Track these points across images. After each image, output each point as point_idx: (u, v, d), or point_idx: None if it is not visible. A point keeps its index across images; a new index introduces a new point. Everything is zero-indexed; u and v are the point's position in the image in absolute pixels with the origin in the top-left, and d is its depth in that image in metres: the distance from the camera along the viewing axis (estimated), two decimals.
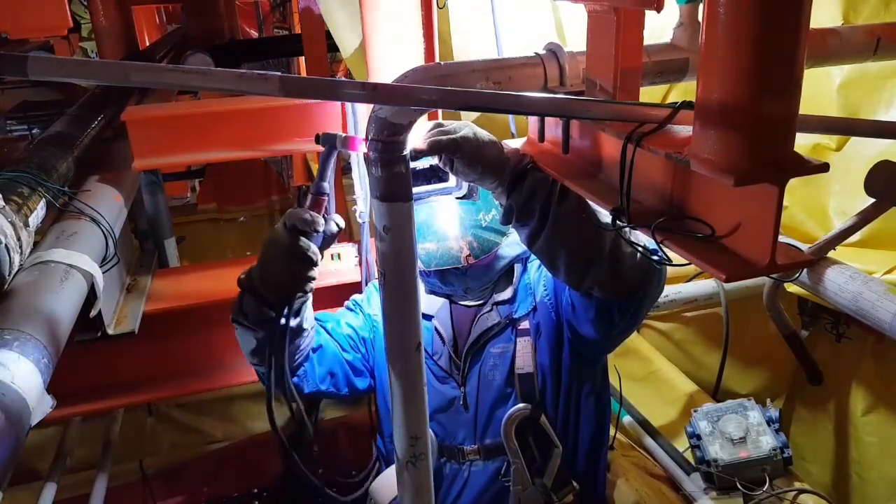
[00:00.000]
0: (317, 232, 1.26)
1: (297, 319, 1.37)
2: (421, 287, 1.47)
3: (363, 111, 1.84)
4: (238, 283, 1.34)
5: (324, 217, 1.28)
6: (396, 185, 1.05)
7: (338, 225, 1.31)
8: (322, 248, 1.30)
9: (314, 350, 1.50)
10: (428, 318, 1.55)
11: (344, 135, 1.17)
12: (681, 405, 2.32)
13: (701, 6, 0.76)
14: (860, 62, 1.26)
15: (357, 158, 1.86)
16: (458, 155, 1.11)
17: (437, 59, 1.67)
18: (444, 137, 1.10)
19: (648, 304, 1.34)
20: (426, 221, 1.48)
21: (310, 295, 1.35)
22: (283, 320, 1.30)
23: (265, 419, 1.37)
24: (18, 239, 1.29)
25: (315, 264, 1.27)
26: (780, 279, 1.74)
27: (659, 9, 0.85)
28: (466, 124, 1.14)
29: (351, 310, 1.68)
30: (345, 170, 2.91)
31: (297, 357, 1.46)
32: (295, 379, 1.47)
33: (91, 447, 2.71)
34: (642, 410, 2.33)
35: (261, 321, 1.32)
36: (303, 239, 1.25)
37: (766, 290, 1.92)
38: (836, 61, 1.28)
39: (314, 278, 1.30)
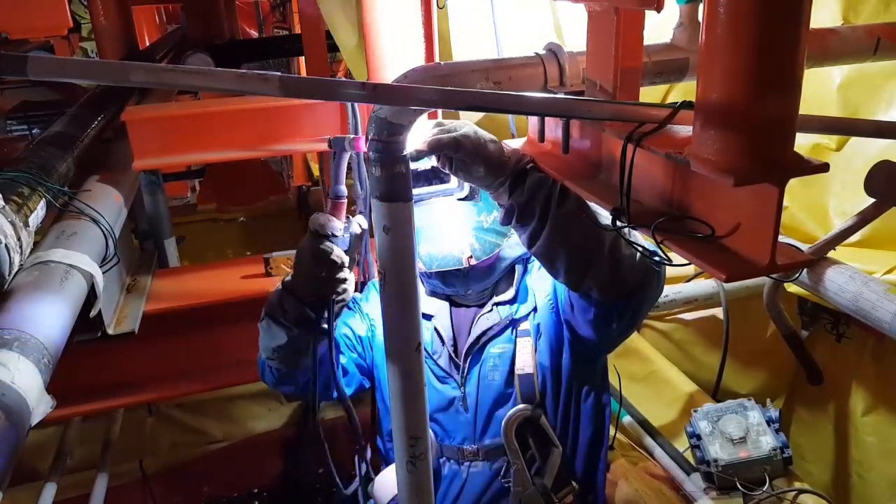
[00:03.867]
0: (335, 235, 1.28)
1: (336, 321, 1.40)
2: (421, 288, 1.47)
3: (364, 111, 1.84)
4: (282, 284, 1.38)
5: (347, 218, 1.30)
6: (396, 185, 1.05)
7: (360, 226, 1.33)
8: (350, 251, 1.33)
9: None
10: (427, 317, 1.55)
11: (351, 136, 1.19)
12: (681, 405, 2.32)
13: (701, 6, 0.76)
14: (860, 62, 1.26)
15: (357, 158, 1.86)
16: (459, 154, 1.11)
17: (437, 59, 1.67)
18: (444, 136, 1.10)
19: (647, 305, 1.34)
20: (427, 223, 1.48)
21: (347, 296, 1.37)
22: (324, 324, 1.35)
23: (265, 419, 1.40)
24: (18, 239, 1.29)
25: (340, 267, 1.31)
26: (780, 279, 1.74)
27: (659, 9, 0.85)
28: (466, 123, 1.14)
29: (350, 308, 1.68)
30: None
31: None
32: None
33: (91, 447, 2.70)
34: (642, 410, 2.33)
35: (300, 321, 1.35)
36: (326, 243, 1.27)
37: (766, 290, 1.92)
38: (836, 61, 1.28)
39: (343, 280, 1.33)
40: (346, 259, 1.32)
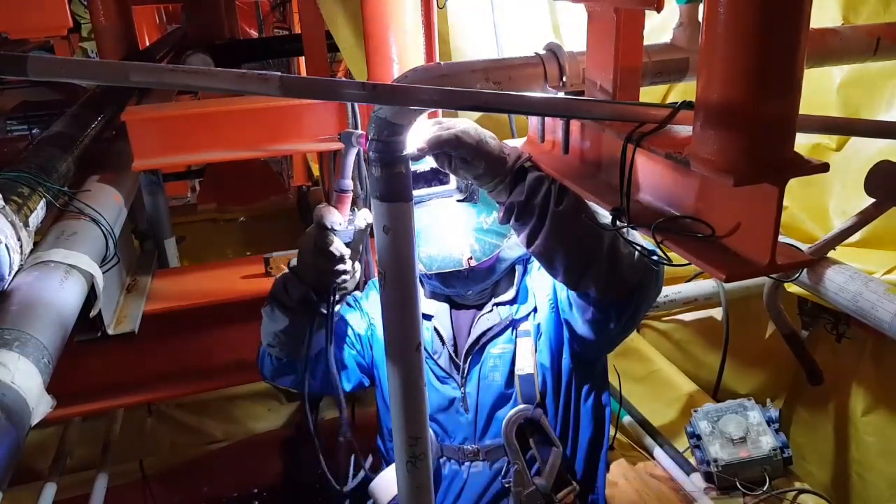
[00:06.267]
0: (334, 231, 1.29)
1: (337, 308, 1.43)
2: (420, 290, 1.47)
3: (364, 111, 1.84)
4: (288, 268, 1.42)
5: (352, 211, 1.32)
6: (396, 185, 1.06)
7: (365, 220, 1.35)
8: (353, 245, 1.35)
9: None
10: (427, 317, 1.55)
11: (359, 133, 1.20)
12: (681, 405, 2.32)
13: (701, 6, 0.76)
14: (860, 62, 1.26)
15: (358, 158, 1.86)
16: (459, 150, 1.11)
17: (437, 59, 1.67)
18: (445, 133, 1.10)
19: (646, 305, 1.34)
20: (427, 224, 1.48)
21: (349, 286, 1.40)
22: (324, 309, 1.38)
23: (265, 419, 1.40)
24: (18, 239, 1.29)
25: (339, 259, 1.32)
26: (780, 279, 1.74)
27: (659, 9, 0.85)
28: (465, 121, 1.14)
29: (350, 306, 1.68)
30: None
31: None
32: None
33: (91, 447, 2.71)
34: (642, 410, 2.33)
35: (302, 301, 1.38)
36: (328, 235, 1.29)
37: (766, 290, 1.92)
38: (836, 61, 1.28)
39: (342, 272, 1.35)
40: (347, 252, 1.33)
